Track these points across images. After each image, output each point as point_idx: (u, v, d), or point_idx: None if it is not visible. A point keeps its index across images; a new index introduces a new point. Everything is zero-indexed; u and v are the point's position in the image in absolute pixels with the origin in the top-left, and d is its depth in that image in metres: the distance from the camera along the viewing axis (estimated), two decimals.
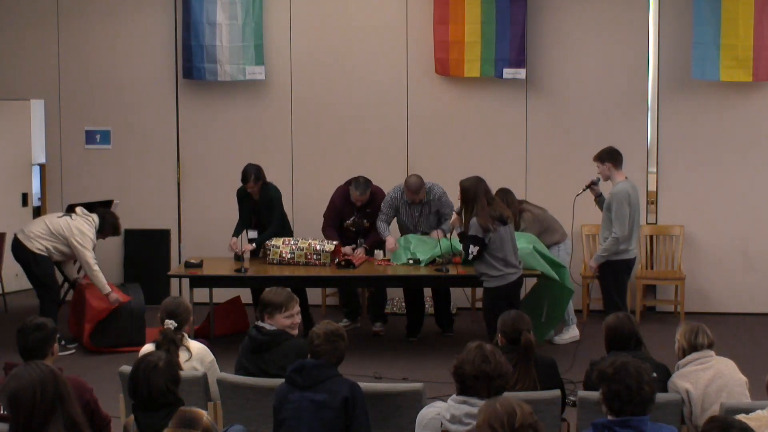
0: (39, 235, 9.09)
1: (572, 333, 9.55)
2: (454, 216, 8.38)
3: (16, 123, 11.87)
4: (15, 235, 9.30)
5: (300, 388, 5.00)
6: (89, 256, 9.03)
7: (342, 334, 5.19)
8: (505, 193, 9.46)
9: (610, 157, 8.60)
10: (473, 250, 7.87)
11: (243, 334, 6.12)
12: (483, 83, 10.79)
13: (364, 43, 10.96)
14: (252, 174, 9.47)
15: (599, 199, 8.86)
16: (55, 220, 9.17)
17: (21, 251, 9.15)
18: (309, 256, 9.18)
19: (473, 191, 7.92)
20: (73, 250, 9.07)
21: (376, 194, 9.71)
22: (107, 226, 9.32)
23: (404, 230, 9.60)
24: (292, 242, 9.29)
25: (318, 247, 9.19)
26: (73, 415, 3.74)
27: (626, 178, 8.65)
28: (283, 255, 9.21)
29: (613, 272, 8.55)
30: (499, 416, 3.75)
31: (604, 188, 8.78)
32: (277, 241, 9.29)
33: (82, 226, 9.09)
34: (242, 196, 9.74)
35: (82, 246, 9.01)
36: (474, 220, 7.87)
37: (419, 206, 9.49)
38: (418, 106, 10.93)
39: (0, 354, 7.78)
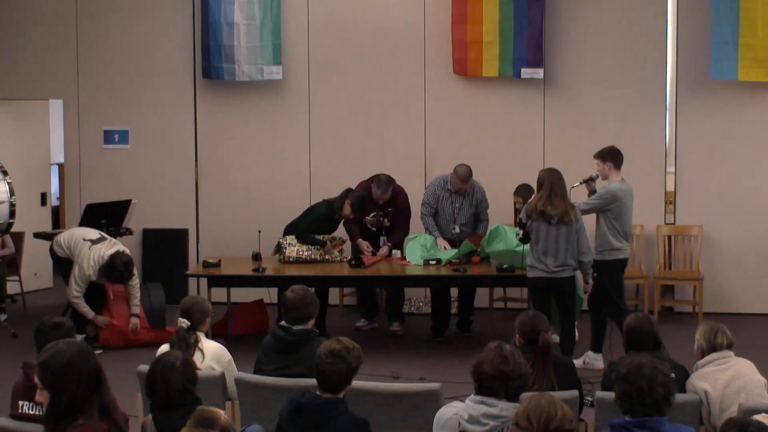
0: (61, 245, 9.21)
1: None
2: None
3: (35, 123, 11.93)
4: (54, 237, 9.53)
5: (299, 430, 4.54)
6: (74, 290, 9.03)
7: (343, 355, 4.56)
8: (525, 189, 9.46)
9: (612, 156, 8.62)
10: (518, 231, 8.23)
11: (262, 333, 6.11)
12: (501, 83, 10.77)
13: (382, 43, 10.96)
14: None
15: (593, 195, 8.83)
16: (77, 241, 9.13)
17: (53, 253, 9.37)
18: (324, 253, 9.39)
19: (541, 181, 8.20)
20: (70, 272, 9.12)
21: (399, 194, 9.72)
22: (109, 272, 9.00)
23: (442, 221, 9.58)
24: None
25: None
26: (104, 399, 3.71)
27: (623, 179, 8.63)
28: (300, 253, 9.30)
29: (608, 273, 8.52)
30: (539, 412, 3.77)
31: (599, 187, 8.76)
32: (292, 239, 9.36)
33: (89, 261, 8.98)
34: (329, 214, 9.57)
35: (74, 279, 9.03)
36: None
37: (461, 198, 9.51)
38: (435, 106, 10.92)
39: (18, 353, 7.84)
